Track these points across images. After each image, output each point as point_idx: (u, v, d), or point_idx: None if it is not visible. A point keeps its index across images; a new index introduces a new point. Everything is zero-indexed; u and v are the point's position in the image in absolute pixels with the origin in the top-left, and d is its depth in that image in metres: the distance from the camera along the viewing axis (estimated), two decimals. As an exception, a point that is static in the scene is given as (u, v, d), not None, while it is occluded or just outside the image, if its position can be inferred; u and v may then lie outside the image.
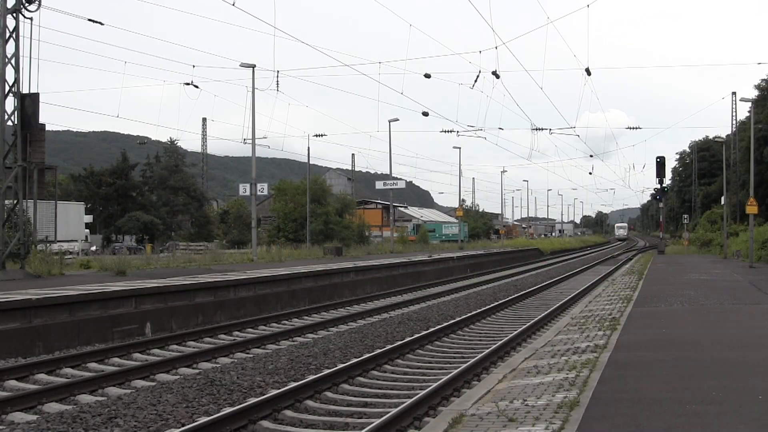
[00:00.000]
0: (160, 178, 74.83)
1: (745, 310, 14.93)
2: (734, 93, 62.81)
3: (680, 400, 6.77)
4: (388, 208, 60.73)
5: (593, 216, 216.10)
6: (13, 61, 20.06)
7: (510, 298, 21.67)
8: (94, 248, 51.39)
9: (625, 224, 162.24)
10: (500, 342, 13.07)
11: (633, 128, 45.60)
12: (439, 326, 15.28)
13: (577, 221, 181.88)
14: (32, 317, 13.03)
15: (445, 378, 9.78)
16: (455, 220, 77.00)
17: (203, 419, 7.91)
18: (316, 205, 50.77)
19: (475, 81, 29.05)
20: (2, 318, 12.51)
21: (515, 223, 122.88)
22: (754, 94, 58.39)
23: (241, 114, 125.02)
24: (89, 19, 22.79)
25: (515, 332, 14.36)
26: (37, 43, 23.96)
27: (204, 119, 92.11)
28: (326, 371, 10.48)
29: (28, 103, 20.12)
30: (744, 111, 70.49)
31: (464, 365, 10.82)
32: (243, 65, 31.60)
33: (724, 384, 7.50)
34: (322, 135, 54.66)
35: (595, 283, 27.38)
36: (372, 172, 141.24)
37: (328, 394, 9.58)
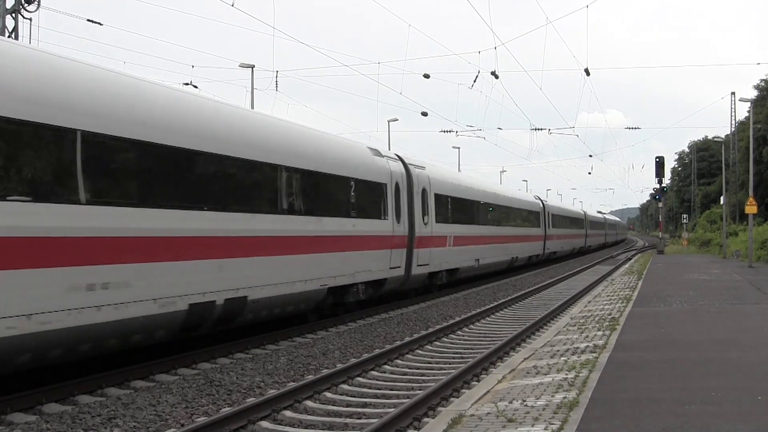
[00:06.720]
0: (160, 178, 74.82)
1: (745, 310, 14.94)
2: (733, 93, 62.65)
3: (679, 400, 6.78)
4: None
5: None
6: (12, 62, 20.03)
7: (510, 298, 21.66)
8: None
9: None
10: (500, 342, 13.06)
11: (632, 128, 45.93)
12: (439, 326, 15.28)
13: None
14: (31, 318, 12.99)
15: (445, 378, 9.78)
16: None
17: (202, 419, 7.91)
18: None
19: (474, 81, 29.03)
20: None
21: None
22: (753, 94, 58.46)
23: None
24: (88, 20, 22.77)
25: (515, 333, 14.35)
26: (36, 44, 23.93)
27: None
28: (325, 372, 10.48)
29: (28, 104, 20.08)
30: (743, 111, 70.43)
31: (464, 366, 10.82)
32: (242, 65, 31.56)
33: (723, 384, 7.50)
34: (321, 135, 54.66)
35: (595, 283, 27.36)
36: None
37: (328, 394, 9.58)
